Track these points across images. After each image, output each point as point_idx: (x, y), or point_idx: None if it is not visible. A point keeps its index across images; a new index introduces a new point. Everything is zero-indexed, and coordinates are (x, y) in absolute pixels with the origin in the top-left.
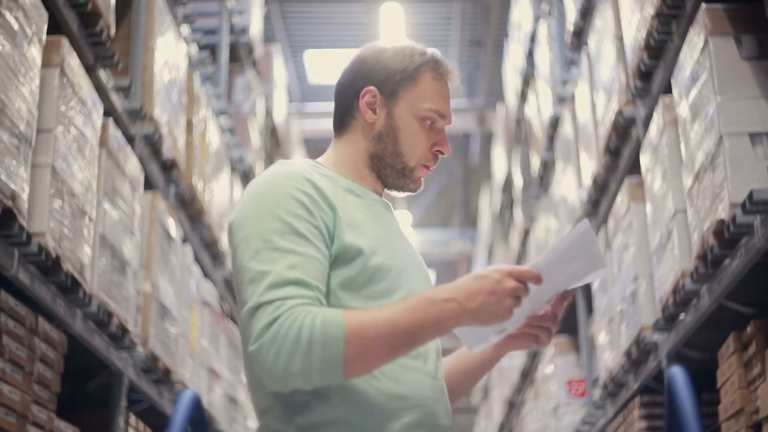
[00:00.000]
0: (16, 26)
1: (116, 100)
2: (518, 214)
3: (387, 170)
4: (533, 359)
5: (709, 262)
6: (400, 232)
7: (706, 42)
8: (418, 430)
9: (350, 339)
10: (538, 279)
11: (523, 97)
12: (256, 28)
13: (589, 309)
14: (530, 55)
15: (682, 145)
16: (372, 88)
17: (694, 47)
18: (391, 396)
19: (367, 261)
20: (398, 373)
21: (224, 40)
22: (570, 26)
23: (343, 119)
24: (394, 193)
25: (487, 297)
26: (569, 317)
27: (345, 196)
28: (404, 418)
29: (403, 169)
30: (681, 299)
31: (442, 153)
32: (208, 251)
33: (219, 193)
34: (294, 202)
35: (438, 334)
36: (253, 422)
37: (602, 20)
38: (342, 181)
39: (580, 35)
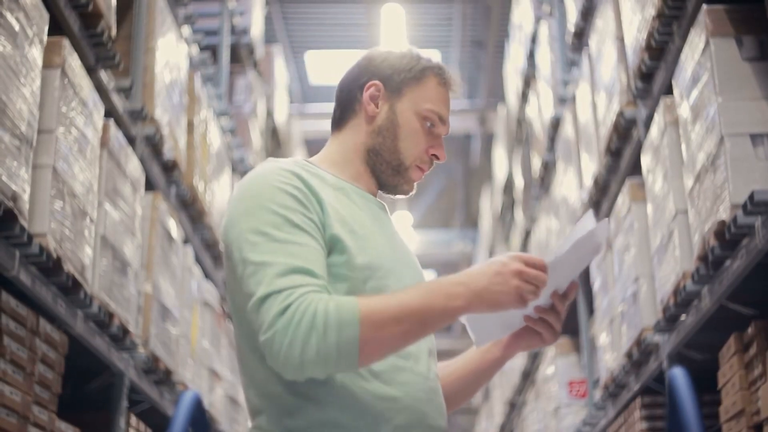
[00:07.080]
0: (17, 27)
1: (117, 100)
2: (519, 214)
3: (383, 166)
4: (534, 360)
5: (710, 263)
6: (394, 233)
7: (707, 43)
8: None
9: (364, 321)
10: (543, 267)
11: (524, 97)
12: (257, 29)
13: (590, 310)
14: (531, 56)
15: (683, 146)
16: (377, 82)
17: (695, 48)
18: (381, 397)
19: (353, 258)
20: (388, 374)
21: (225, 41)
22: (571, 27)
23: (343, 114)
24: (388, 196)
25: (492, 278)
26: (570, 318)
27: (334, 194)
28: (395, 419)
29: (399, 166)
30: (682, 300)
31: (437, 158)
32: (209, 252)
33: (220, 194)
34: (285, 195)
35: (447, 316)
36: None
37: (603, 21)
38: (332, 180)
39: (581, 36)
